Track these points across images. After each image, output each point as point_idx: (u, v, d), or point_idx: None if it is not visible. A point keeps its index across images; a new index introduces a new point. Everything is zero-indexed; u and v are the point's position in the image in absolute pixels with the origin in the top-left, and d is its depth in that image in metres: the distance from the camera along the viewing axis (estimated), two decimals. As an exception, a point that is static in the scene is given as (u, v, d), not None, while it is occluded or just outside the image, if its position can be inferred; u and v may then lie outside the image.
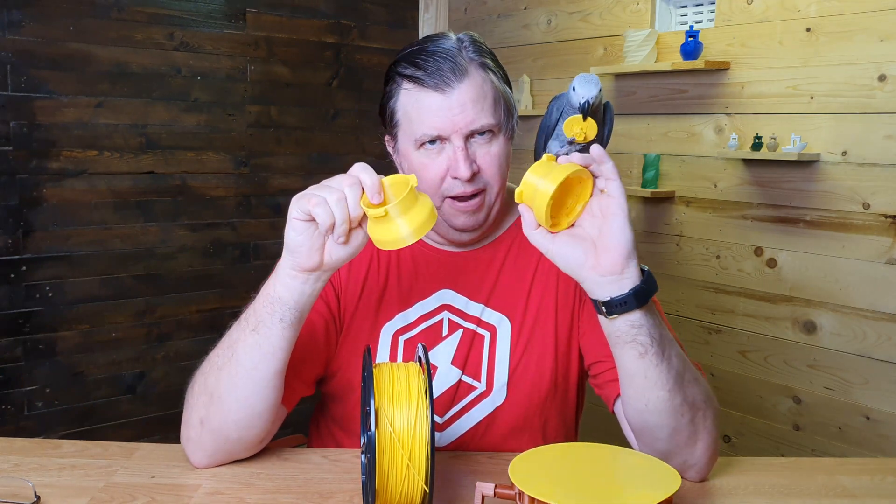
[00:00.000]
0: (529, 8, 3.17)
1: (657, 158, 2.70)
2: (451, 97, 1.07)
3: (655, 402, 0.97)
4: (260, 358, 0.98)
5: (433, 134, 1.08)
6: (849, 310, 2.29)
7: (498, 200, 1.14)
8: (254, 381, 0.99)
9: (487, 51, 1.13)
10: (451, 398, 1.17)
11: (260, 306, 0.98)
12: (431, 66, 1.08)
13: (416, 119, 1.09)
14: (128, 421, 2.83)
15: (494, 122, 1.10)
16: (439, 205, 1.12)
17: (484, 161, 1.10)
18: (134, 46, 2.72)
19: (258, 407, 1.01)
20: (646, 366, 0.95)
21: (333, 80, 3.22)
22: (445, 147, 1.09)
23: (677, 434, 0.99)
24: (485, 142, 1.10)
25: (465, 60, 1.08)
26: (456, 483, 1.03)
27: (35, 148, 2.57)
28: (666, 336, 0.97)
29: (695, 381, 1.00)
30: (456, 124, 1.07)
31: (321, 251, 0.94)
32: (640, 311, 0.93)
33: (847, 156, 2.26)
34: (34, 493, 0.95)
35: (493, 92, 1.10)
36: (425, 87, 1.08)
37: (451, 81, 1.07)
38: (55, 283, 2.65)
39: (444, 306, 1.18)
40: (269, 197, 3.09)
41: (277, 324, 0.97)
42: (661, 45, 2.70)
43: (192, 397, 1.04)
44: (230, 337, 1.02)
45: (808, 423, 2.42)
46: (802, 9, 2.32)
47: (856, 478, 1.09)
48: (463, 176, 1.08)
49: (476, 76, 1.09)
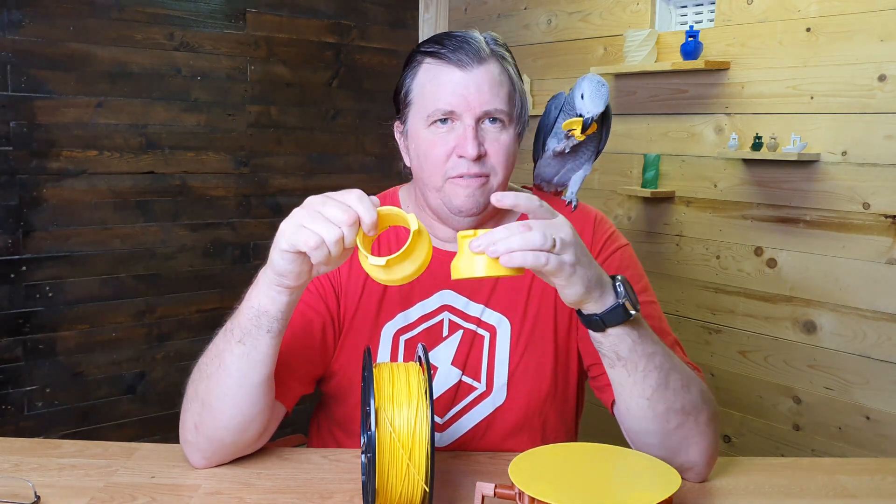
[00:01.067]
0: (529, 8, 3.17)
1: (657, 158, 2.70)
2: (470, 76, 1.08)
3: (636, 408, 0.99)
4: (248, 368, 0.98)
5: (447, 109, 1.09)
6: (849, 310, 2.29)
7: (500, 190, 1.13)
8: (243, 390, 1.00)
9: (507, 49, 1.15)
10: (451, 398, 1.17)
11: (245, 319, 0.97)
12: (455, 44, 1.10)
13: (433, 93, 1.10)
14: (128, 421, 2.83)
15: (507, 111, 1.10)
16: (441, 185, 1.12)
17: (492, 147, 1.10)
18: (134, 46, 2.72)
19: (249, 412, 1.02)
20: (617, 375, 0.97)
21: (333, 80, 3.21)
22: (455, 126, 1.10)
23: (667, 439, 1.00)
24: (495, 129, 1.10)
25: (486, 48, 1.10)
26: (456, 483, 1.03)
27: (35, 148, 2.57)
28: (641, 352, 0.95)
29: (684, 388, 0.99)
30: (470, 103, 1.08)
31: (309, 273, 0.93)
32: (598, 332, 0.94)
33: (847, 156, 2.26)
34: (34, 493, 0.95)
35: (509, 84, 1.12)
36: (447, 62, 1.09)
37: (471, 62, 1.09)
38: (55, 283, 2.65)
39: (445, 307, 1.18)
40: (269, 197, 3.09)
41: (265, 335, 0.97)
42: (661, 45, 2.70)
43: (187, 402, 1.05)
44: (217, 346, 1.01)
45: (808, 423, 2.42)
46: (802, 9, 2.32)
47: (856, 478, 1.09)
48: (469, 154, 1.08)
49: (495, 64, 1.11)
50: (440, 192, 1.12)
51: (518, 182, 1.28)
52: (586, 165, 1.23)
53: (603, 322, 0.92)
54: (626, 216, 2.88)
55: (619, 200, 2.90)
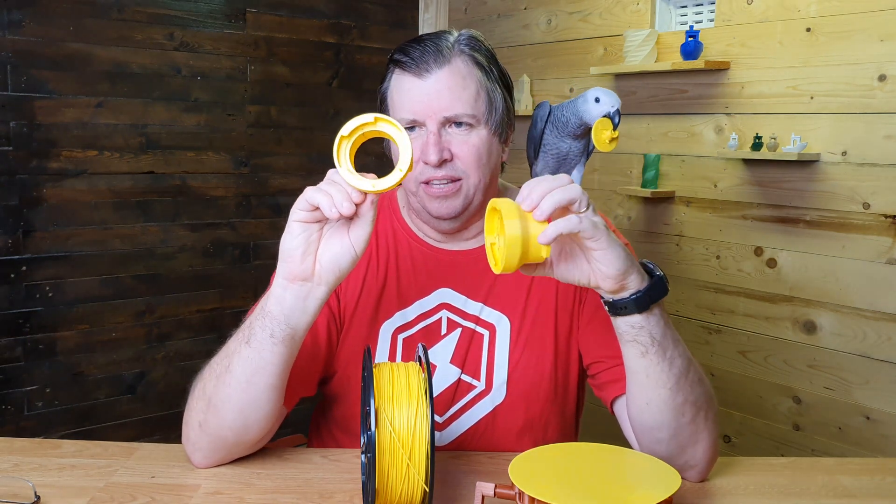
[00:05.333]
0: (529, 8, 3.17)
1: (657, 158, 2.70)
2: (428, 82, 1.08)
3: (657, 400, 0.98)
4: (253, 371, 0.98)
5: (409, 118, 1.09)
6: (849, 310, 2.29)
7: (478, 192, 1.13)
8: (248, 395, 0.99)
9: (484, 49, 1.13)
10: (450, 397, 1.17)
11: (254, 319, 0.98)
12: (416, 52, 1.10)
13: (398, 102, 1.11)
14: (128, 421, 2.83)
15: (472, 114, 1.10)
16: (415, 190, 1.12)
17: (460, 150, 1.10)
18: (134, 46, 2.72)
19: (254, 416, 1.01)
20: (647, 364, 0.96)
21: (333, 80, 3.22)
22: (421, 133, 1.10)
23: (679, 434, 0.99)
24: (462, 132, 1.10)
25: (450, 50, 1.10)
26: (456, 483, 1.03)
27: (35, 148, 2.57)
28: (670, 336, 0.97)
29: (699, 381, 1.00)
30: (430, 108, 1.08)
31: (314, 256, 0.93)
32: (641, 314, 0.93)
33: (847, 156, 2.26)
34: (34, 493, 0.95)
35: (475, 84, 1.10)
36: (407, 71, 1.10)
37: (430, 67, 1.08)
38: (55, 283, 2.65)
39: (443, 305, 1.18)
40: (269, 197, 3.09)
41: (268, 339, 0.96)
42: (661, 45, 2.70)
43: (193, 400, 1.04)
44: (228, 347, 1.02)
45: (808, 423, 2.42)
46: (802, 9, 2.32)
47: (856, 478, 1.09)
48: (430, 160, 1.08)
49: (459, 66, 1.10)
50: (416, 196, 1.13)
51: (517, 182, 1.28)
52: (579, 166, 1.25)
53: (649, 298, 0.92)
54: (626, 216, 2.88)
55: (619, 200, 2.90)
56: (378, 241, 1.20)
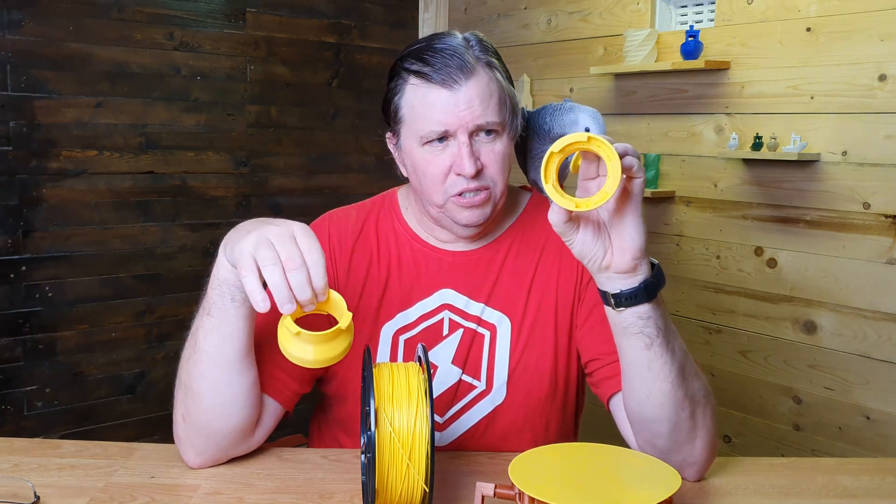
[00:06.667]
0: (529, 8, 3.17)
1: (657, 158, 2.70)
2: (459, 94, 1.07)
3: (658, 393, 0.97)
4: (219, 340, 0.99)
5: (440, 130, 1.08)
6: (849, 310, 2.29)
7: (502, 198, 1.14)
8: (218, 366, 1.00)
9: (493, 50, 1.13)
10: (451, 397, 1.17)
11: (210, 290, 0.99)
12: (439, 62, 1.08)
13: (422, 115, 1.09)
14: (128, 421, 2.83)
15: (499, 121, 1.10)
16: (442, 203, 1.11)
17: (488, 159, 1.10)
18: (134, 46, 2.72)
19: (228, 392, 1.01)
20: (651, 356, 0.96)
21: (333, 80, 3.21)
22: (450, 144, 1.09)
23: (678, 428, 0.99)
24: (489, 140, 1.10)
25: (472, 59, 1.08)
26: (456, 483, 1.03)
27: (35, 148, 2.57)
28: (671, 328, 0.97)
29: (696, 375, 1.00)
30: (462, 120, 1.07)
31: None
32: (649, 303, 0.94)
33: (847, 156, 2.26)
34: (34, 493, 0.95)
35: (498, 91, 1.10)
36: (433, 82, 1.08)
37: (458, 78, 1.07)
38: (55, 283, 2.65)
39: (445, 305, 1.18)
40: (269, 197, 3.09)
41: (230, 304, 0.97)
42: (661, 45, 2.70)
43: (175, 395, 1.06)
44: (192, 327, 1.03)
45: (808, 423, 2.42)
46: (802, 9, 2.32)
47: (856, 478, 1.08)
48: (467, 172, 1.08)
49: (482, 75, 1.09)
50: (443, 209, 1.12)
51: (517, 182, 1.28)
52: None
53: (656, 284, 0.93)
54: (626, 216, 2.88)
55: (619, 200, 2.90)
56: (379, 243, 1.20)
